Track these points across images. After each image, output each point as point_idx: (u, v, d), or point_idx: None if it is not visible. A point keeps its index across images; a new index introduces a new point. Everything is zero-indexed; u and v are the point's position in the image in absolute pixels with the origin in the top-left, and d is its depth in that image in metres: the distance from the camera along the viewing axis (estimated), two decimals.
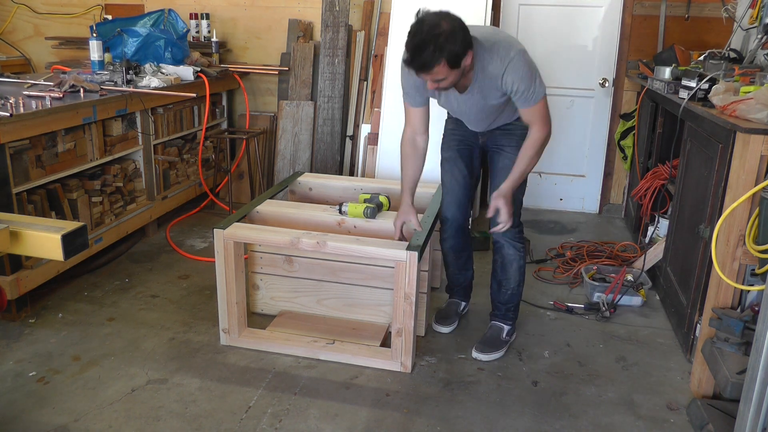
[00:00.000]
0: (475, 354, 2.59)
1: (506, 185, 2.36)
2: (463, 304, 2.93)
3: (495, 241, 2.58)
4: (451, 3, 3.85)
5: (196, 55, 4.29)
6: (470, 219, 2.71)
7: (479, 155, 2.68)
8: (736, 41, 3.45)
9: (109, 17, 4.40)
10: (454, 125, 2.67)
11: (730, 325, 2.08)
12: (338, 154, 4.50)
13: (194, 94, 3.75)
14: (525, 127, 2.38)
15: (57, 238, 1.66)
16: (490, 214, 2.41)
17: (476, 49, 2.21)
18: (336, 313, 2.79)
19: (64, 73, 3.62)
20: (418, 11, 2.15)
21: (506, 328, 2.68)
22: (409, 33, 2.11)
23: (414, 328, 2.42)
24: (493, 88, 2.30)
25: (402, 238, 2.53)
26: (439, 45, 2.05)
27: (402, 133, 2.53)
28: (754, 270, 2.14)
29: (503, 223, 2.37)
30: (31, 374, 2.38)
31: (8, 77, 3.64)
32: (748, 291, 2.17)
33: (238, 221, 2.59)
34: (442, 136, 2.71)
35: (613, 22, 4.32)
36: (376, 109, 4.22)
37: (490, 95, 2.33)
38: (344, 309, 2.78)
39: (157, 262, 3.46)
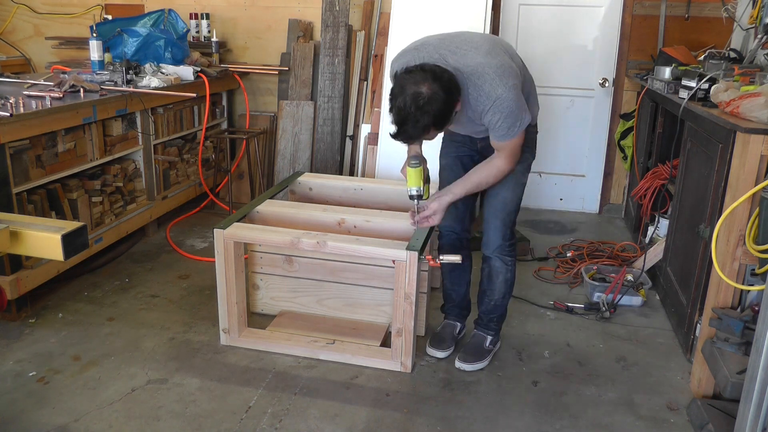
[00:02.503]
0: (458, 364, 2.50)
1: (449, 197, 2.30)
2: (459, 325, 2.72)
3: (484, 253, 2.51)
4: (451, 3, 3.89)
5: (196, 55, 4.29)
6: (470, 230, 2.62)
7: (479, 161, 2.46)
8: (736, 41, 3.45)
9: (109, 17, 4.40)
10: (449, 134, 2.55)
11: (730, 325, 2.08)
12: (338, 154, 4.51)
13: (194, 94, 3.75)
14: (527, 131, 2.26)
15: (57, 238, 1.66)
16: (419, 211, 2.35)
17: (463, 82, 2.08)
18: (336, 313, 2.79)
19: (64, 73, 3.62)
20: (395, 73, 2.05)
21: (488, 338, 2.59)
22: (391, 101, 2.02)
23: (414, 328, 2.42)
24: (478, 117, 2.19)
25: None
26: (424, 113, 1.97)
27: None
28: (754, 270, 2.14)
29: (424, 220, 2.32)
30: (31, 374, 2.38)
31: (8, 77, 3.64)
32: (748, 291, 2.17)
33: (238, 221, 2.59)
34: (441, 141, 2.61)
35: (613, 22, 4.31)
36: (376, 109, 4.22)
37: (477, 120, 2.22)
38: (344, 309, 2.78)
39: (157, 262, 3.46)
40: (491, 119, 2.13)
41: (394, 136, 2.06)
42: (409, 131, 2.02)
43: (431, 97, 1.96)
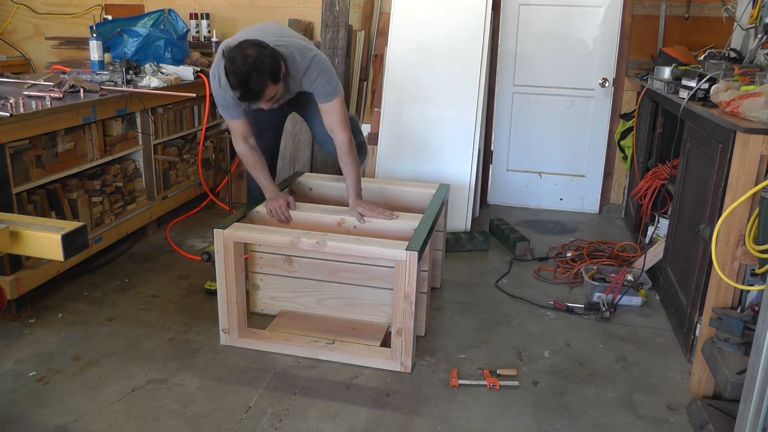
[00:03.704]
0: None
1: (354, 197, 2.70)
2: None
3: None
4: (451, 3, 3.89)
5: (196, 55, 4.29)
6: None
7: (280, 118, 3.05)
8: (736, 41, 3.45)
9: (109, 17, 4.40)
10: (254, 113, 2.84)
11: (730, 325, 2.08)
12: None
13: (194, 94, 3.75)
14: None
15: (57, 238, 1.66)
16: (358, 219, 2.67)
17: (281, 56, 2.43)
18: (336, 313, 2.79)
19: (64, 73, 3.62)
20: (222, 52, 2.39)
21: None
22: (227, 73, 2.35)
23: (414, 328, 2.42)
24: (295, 87, 2.59)
25: (286, 219, 2.71)
26: (258, 70, 2.30)
27: (236, 145, 2.77)
28: (754, 270, 2.14)
29: (383, 218, 2.64)
30: (31, 374, 2.38)
31: (8, 77, 3.64)
32: (748, 291, 2.17)
33: (238, 221, 2.59)
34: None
35: (613, 22, 4.32)
36: (376, 109, 4.22)
37: (290, 94, 2.65)
38: (344, 309, 2.78)
39: (157, 262, 3.46)
40: (311, 78, 2.54)
41: (241, 98, 2.39)
42: (251, 89, 2.33)
43: (259, 55, 2.31)
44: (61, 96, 3.05)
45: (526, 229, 4.21)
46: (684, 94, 2.71)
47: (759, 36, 2.92)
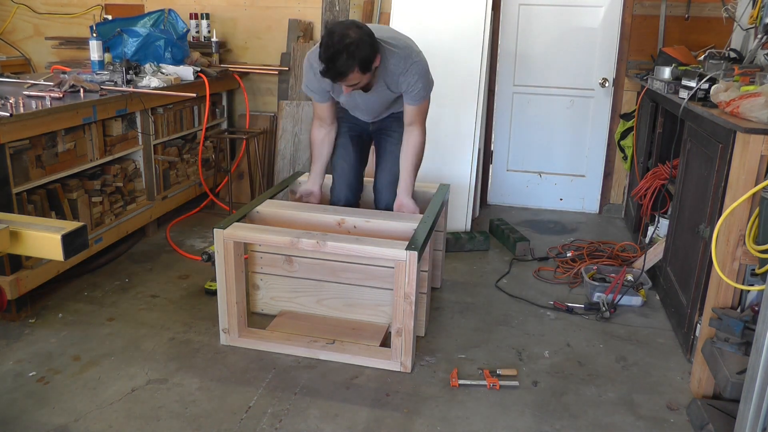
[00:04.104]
0: None
1: (404, 193, 2.72)
2: None
3: (376, 206, 2.93)
4: (451, 3, 3.88)
5: (196, 55, 4.29)
6: (358, 196, 3.01)
7: (368, 140, 2.97)
8: (736, 41, 3.45)
9: (109, 17, 4.40)
10: (343, 113, 2.86)
11: (730, 325, 2.08)
12: None
13: (194, 94, 3.75)
14: None
15: (57, 238, 1.66)
16: (396, 209, 2.75)
17: (382, 51, 2.43)
18: (336, 313, 2.79)
19: (64, 73, 3.62)
20: (326, 23, 2.36)
21: None
22: (321, 45, 2.30)
23: (414, 328, 2.42)
24: (393, 84, 2.55)
25: (299, 199, 2.85)
26: (350, 53, 2.24)
27: (312, 125, 2.86)
28: (754, 270, 2.14)
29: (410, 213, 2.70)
30: (31, 374, 2.37)
31: (8, 77, 3.64)
32: (748, 291, 2.17)
33: (238, 221, 2.59)
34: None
35: (613, 22, 4.32)
36: None
37: (389, 91, 2.59)
38: (344, 309, 2.78)
39: (157, 262, 3.46)
40: (409, 80, 2.51)
41: (323, 72, 2.32)
42: (337, 67, 2.28)
43: (358, 39, 2.26)
44: (61, 96, 3.05)
45: (526, 229, 4.21)
46: (684, 94, 2.71)
47: (759, 36, 2.91)
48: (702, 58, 3.34)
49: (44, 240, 1.69)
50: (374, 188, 2.94)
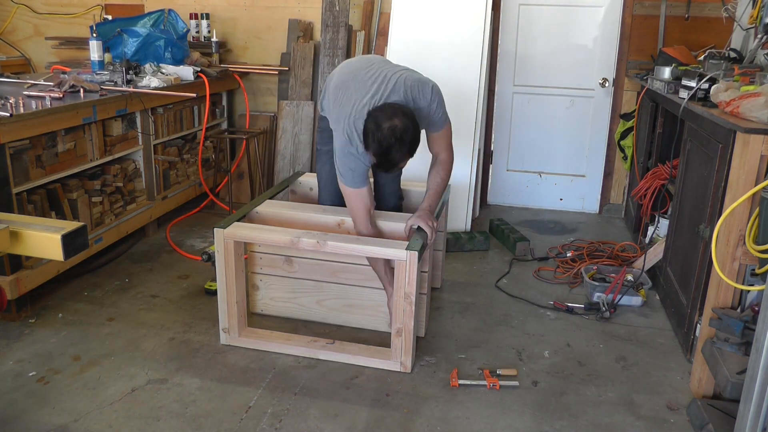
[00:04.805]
0: None
1: (425, 207, 2.56)
2: None
3: None
4: (451, 3, 3.88)
5: (196, 55, 4.29)
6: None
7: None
8: (736, 41, 3.45)
9: (109, 17, 4.40)
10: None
11: (730, 325, 2.08)
12: None
13: (194, 94, 3.75)
14: None
15: (57, 238, 1.66)
16: (406, 230, 2.55)
17: (413, 97, 2.40)
18: (336, 314, 2.79)
19: (64, 73, 3.62)
20: (369, 115, 2.28)
21: None
22: (371, 137, 2.25)
23: (414, 328, 2.42)
24: (426, 116, 2.48)
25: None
26: (403, 142, 2.23)
27: (361, 225, 2.52)
28: (754, 270, 2.14)
29: (430, 239, 2.50)
30: (31, 374, 2.37)
31: (8, 77, 3.64)
32: (748, 291, 2.17)
33: (238, 221, 2.59)
34: (318, 131, 2.85)
35: (613, 22, 4.31)
36: None
37: (424, 122, 2.50)
38: (344, 309, 2.77)
39: (157, 262, 3.46)
40: (437, 108, 2.46)
41: (378, 165, 2.34)
42: (391, 159, 2.28)
43: (405, 127, 2.23)
44: (61, 96, 3.05)
45: (526, 229, 4.21)
46: (684, 94, 2.71)
47: (759, 36, 2.92)
48: (702, 58, 3.34)
49: (44, 240, 1.69)
50: (380, 193, 2.87)
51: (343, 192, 2.52)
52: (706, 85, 2.60)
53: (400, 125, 2.22)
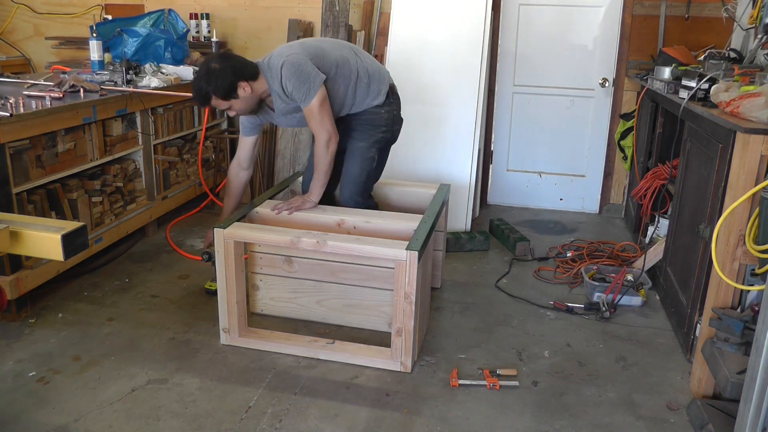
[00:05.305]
0: None
1: (315, 193, 2.74)
2: None
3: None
4: (451, 3, 3.89)
5: (196, 55, 4.29)
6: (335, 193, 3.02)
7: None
8: (736, 41, 3.45)
9: (109, 17, 4.40)
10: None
11: (730, 325, 2.08)
12: None
13: None
14: (373, 113, 2.77)
15: (57, 238, 1.66)
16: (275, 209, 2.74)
17: (264, 71, 2.61)
18: (336, 314, 2.79)
19: (64, 73, 3.62)
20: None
21: None
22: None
23: (414, 328, 2.42)
24: (286, 97, 2.62)
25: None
26: (207, 82, 2.50)
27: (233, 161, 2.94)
28: (754, 270, 2.14)
29: (276, 208, 2.73)
30: (31, 374, 2.38)
31: (8, 77, 3.64)
32: (748, 291, 2.17)
33: (238, 221, 2.59)
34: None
35: (613, 22, 4.32)
36: None
37: (285, 102, 2.66)
38: (344, 310, 2.77)
39: (157, 262, 3.46)
40: (289, 87, 2.56)
41: (192, 99, 2.63)
42: (198, 95, 2.56)
43: (216, 71, 2.50)
44: (61, 96, 3.05)
45: (526, 229, 4.21)
46: (684, 94, 2.71)
47: (759, 36, 2.91)
48: (702, 58, 3.34)
49: (44, 240, 1.69)
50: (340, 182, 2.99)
51: None
52: (706, 85, 2.60)
53: (214, 67, 2.52)
